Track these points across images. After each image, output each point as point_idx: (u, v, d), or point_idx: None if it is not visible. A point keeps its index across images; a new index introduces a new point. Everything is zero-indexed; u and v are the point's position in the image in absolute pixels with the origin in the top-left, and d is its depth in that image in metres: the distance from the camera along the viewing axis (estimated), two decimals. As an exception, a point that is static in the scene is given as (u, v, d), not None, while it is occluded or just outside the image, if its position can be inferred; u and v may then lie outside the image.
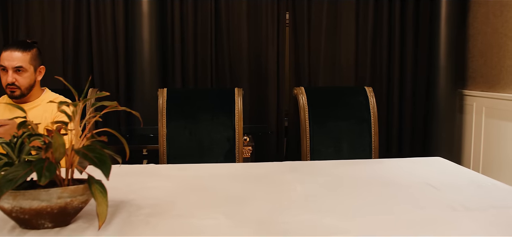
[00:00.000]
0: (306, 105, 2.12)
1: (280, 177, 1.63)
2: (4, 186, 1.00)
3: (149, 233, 1.10)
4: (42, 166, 1.04)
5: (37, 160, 1.06)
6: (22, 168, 1.04)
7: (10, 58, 1.81)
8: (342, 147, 2.13)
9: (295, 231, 1.11)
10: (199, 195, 1.41)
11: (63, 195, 1.08)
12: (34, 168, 1.04)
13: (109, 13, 3.33)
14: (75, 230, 1.11)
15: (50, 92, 1.97)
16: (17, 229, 1.11)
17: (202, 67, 3.45)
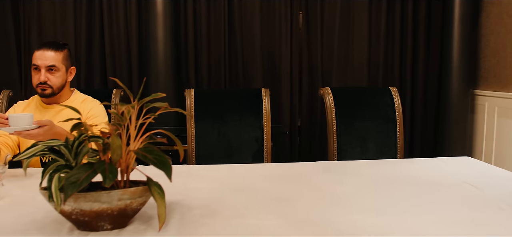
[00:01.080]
0: (333, 105, 2.13)
1: (316, 177, 1.64)
2: (68, 189, 1.00)
3: (211, 234, 1.10)
4: (105, 168, 1.04)
5: (98, 162, 1.06)
6: (83, 170, 1.04)
7: (43, 57, 1.79)
8: (368, 147, 2.14)
9: (352, 231, 1.11)
10: (244, 196, 1.41)
11: (123, 197, 1.07)
12: (98, 170, 1.03)
13: (121, 13, 3.32)
14: (133, 231, 1.11)
15: (79, 93, 1.95)
16: (75, 231, 1.11)
17: (215, 67, 3.44)
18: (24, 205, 1.34)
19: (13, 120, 1.55)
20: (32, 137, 1.59)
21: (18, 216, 1.23)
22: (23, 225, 1.16)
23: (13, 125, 1.56)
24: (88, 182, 1.00)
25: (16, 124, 1.56)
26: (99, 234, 1.09)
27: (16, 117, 1.56)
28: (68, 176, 1.02)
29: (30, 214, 1.24)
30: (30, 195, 1.42)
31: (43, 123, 1.59)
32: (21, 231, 1.12)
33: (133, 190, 1.08)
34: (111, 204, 1.06)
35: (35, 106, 1.89)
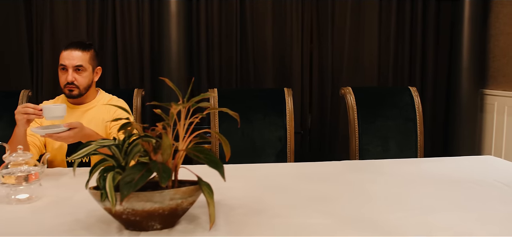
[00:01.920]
0: (355, 104, 2.14)
1: (348, 176, 1.64)
2: (124, 188, 1.00)
3: (262, 234, 1.11)
4: (159, 168, 1.04)
5: (152, 162, 1.06)
6: (137, 170, 1.04)
7: (71, 57, 1.78)
8: (389, 146, 2.15)
9: (401, 229, 1.12)
10: (282, 195, 1.42)
11: (175, 197, 1.07)
12: (153, 170, 1.03)
13: (134, 13, 3.31)
14: (183, 231, 1.11)
15: (105, 93, 1.95)
16: (123, 230, 1.11)
17: (226, 67, 3.44)
18: (63, 204, 1.33)
19: (47, 111, 1.58)
20: (63, 140, 1.59)
21: (60, 216, 1.23)
22: (68, 225, 1.16)
23: (47, 116, 1.59)
24: (144, 182, 1.00)
25: (50, 115, 1.59)
26: (148, 234, 1.09)
27: (49, 108, 1.59)
28: (123, 176, 1.02)
29: (71, 214, 1.24)
30: (66, 195, 1.42)
31: (73, 125, 1.58)
32: (67, 231, 1.12)
33: (184, 189, 1.08)
34: (163, 203, 1.06)
35: (62, 105, 1.88)
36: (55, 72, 3.34)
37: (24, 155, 1.35)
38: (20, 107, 1.60)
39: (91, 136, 1.64)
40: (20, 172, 1.33)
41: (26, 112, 1.57)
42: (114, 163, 1.10)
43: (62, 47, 1.83)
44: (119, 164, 1.10)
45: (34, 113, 1.56)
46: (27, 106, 1.58)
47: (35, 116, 1.58)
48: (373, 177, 1.61)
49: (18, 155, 1.35)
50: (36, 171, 1.34)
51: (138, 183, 1.00)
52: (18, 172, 1.33)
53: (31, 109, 1.57)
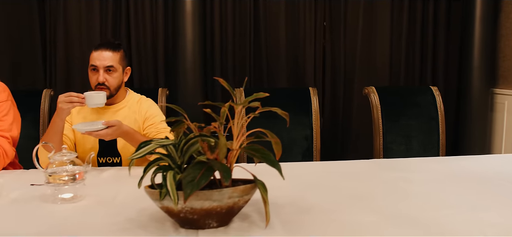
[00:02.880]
0: (379, 103, 2.17)
1: (382, 174, 1.66)
2: (188, 187, 1.01)
3: (317, 231, 1.12)
4: (220, 167, 1.05)
5: (212, 161, 1.07)
6: (197, 169, 1.05)
7: (101, 57, 1.78)
8: (412, 145, 2.18)
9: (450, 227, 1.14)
10: (325, 192, 1.43)
11: (233, 195, 1.08)
12: (215, 168, 1.05)
13: (148, 12, 3.31)
14: (238, 229, 1.12)
15: (133, 92, 1.95)
16: (180, 229, 1.12)
17: (240, 66, 3.45)
18: (109, 204, 1.34)
19: (89, 98, 1.64)
20: (102, 137, 1.59)
21: (111, 215, 1.23)
22: (122, 224, 1.16)
23: (89, 103, 1.65)
24: (207, 181, 1.01)
25: (92, 102, 1.65)
26: (205, 232, 1.10)
27: (91, 95, 1.65)
28: (184, 175, 1.03)
29: (121, 213, 1.24)
30: (109, 194, 1.42)
31: (111, 123, 1.59)
32: (123, 230, 1.13)
33: (242, 188, 1.09)
34: (222, 202, 1.07)
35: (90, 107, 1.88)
36: (68, 71, 3.33)
37: (69, 154, 1.35)
38: (63, 95, 1.63)
39: (129, 133, 1.65)
40: (65, 172, 1.33)
41: (70, 100, 1.60)
42: (170, 162, 1.11)
43: (92, 48, 1.83)
44: (175, 163, 1.11)
45: (78, 101, 1.60)
46: (71, 95, 1.62)
47: (79, 104, 1.61)
48: (408, 175, 1.62)
49: (63, 155, 1.35)
50: (81, 171, 1.34)
51: (200, 182, 1.01)
52: (63, 171, 1.33)
53: (75, 97, 1.60)
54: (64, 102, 1.61)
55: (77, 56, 3.31)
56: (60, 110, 1.62)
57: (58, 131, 1.66)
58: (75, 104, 1.61)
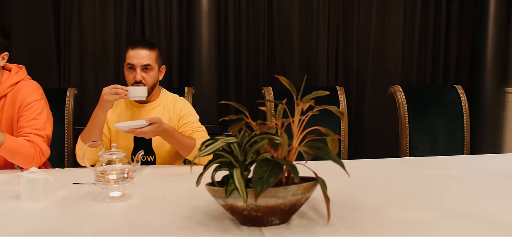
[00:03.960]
0: (405, 102, 2.19)
1: (420, 171, 1.67)
2: (258, 185, 1.01)
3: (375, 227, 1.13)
4: (289, 165, 1.06)
5: (281, 159, 1.07)
6: (264, 166, 1.05)
7: (139, 56, 1.78)
8: (438, 143, 2.20)
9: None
10: (372, 190, 1.44)
11: (297, 192, 1.09)
12: (283, 166, 1.05)
13: (162, 12, 3.29)
14: (300, 226, 1.13)
15: (167, 91, 1.94)
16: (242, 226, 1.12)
17: (253, 66, 3.46)
18: (160, 202, 1.33)
19: (131, 91, 1.68)
20: (145, 134, 1.59)
21: (166, 214, 1.22)
22: (181, 222, 1.16)
23: (131, 95, 1.68)
24: (276, 178, 1.02)
25: (134, 94, 1.69)
26: (268, 229, 1.11)
27: (133, 88, 1.70)
28: (254, 173, 1.03)
29: (175, 211, 1.24)
30: (157, 192, 1.42)
31: (154, 120, 1.59)
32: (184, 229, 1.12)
33: (305, 185, 1.10)
34: (286, 199, 1.08)
35: (125, 105, 1.87)
36: (82, 72, 3.31)
37: (118, 153, 1.35)
38: (108, 88, 1.65)
39: (168, 131, 1.65)
40: (115, 170, 1.33)
41: (115, 92, 1.63)
42: (232, 159, 1.11)
43: (128, 45, 1.82)
44: (237, 160, 1.11)
45: (122, 92, 1.63)
46: (115, 86, 1.64)
47: (123, 96, 1.64)
48: (449, 173, 1.63)
49: (113, 153, 1.35)
50: (130, 170, 1.34)
51: (269, 180, 1.02)
52: (113, 170, 1.33)
53: (119, 89, 1.63)
54: (109, 94, 1.62)
55: (92, 57, 3.29)
56: (105, 102, 1.63)
57: (100, 124, 1.67)
58: (120, 95, 1.63)
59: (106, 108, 1.66)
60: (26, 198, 1.34)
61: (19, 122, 1.75)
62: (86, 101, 3.22)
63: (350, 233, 1.09)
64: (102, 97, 1.65)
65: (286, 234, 1.08)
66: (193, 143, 1.70)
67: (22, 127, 1.73)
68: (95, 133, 1.67)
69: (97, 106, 1.67)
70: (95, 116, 1.67)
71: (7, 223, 1.19)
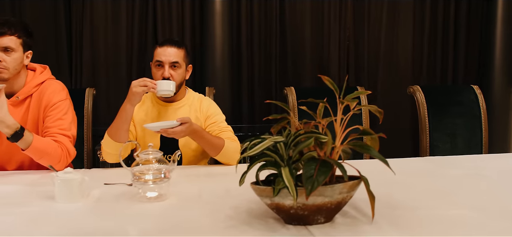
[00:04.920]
0: (425, 102, 2.20)
1: (446, 171, 1.68)
2: (308, 183, 1.01)
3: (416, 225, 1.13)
4: (336, 164, 1.06)
5: (328, 158, 1.08)
6: (312, 165, 1.05)
7: (167, 53, 1.78)
8: (457, 143, 2.22)
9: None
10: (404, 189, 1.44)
11: (343, 191, 1.09)
12: (334, 164, 1.06)
13: (174, 11, 3.29)
14: (344, 224, 1.13)
15: (192, 91, 1.94)
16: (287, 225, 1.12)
17: (265, 66, 3.46)
18: (197, 202, 1.33)
19: (159, 85, 1.68)
20: (175, 134, 1.59)
21: (207, 214, 1.22)
22: (224, 222, 1.16)
23: (159, 90, 1.68)
24: (326, 177, 1.02)
25: (162, 88, 1.68)
26: (314, 227, 1.11)
27: (161, 83, 1.69)
28: (304, 171, 1.04)
29: (216, 211, 1.23)
30: (192, 192, 1.42)
31: (185, 120, 1.59)
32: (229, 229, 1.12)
33: (351, 184, 1.10)
34: (332, 197, 1.08)
35: (151, 103, 1.87)
36: (93, 72, 3.30)
37: (155, 153, 1.35)
38: (137, 81, 1.65)
39: (197, 131, 1.65)
40: (152, 170, 1.32)
41: (144, 84, 1.63)
42: (277, 158, 1.11)
43: (156, 44, 1.83)
44: (282, 159, 1.11)
45: (151, 85, 1.63)
46: (145, 80, 1.64)
47: (151, 89, 1.64)
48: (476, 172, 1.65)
49: (149, 153, 1.34)
50: (167, 170, 1.34)
51: (319, 179, 1.02)
52: (150, 170, 1.32)
53: (148, 81, 1.63)
54: (138, 86, 1.62)
55: (103, 57, 3.29)
56: (133, 94, 1.63)
57: (128, 118, 1.67)
58: (148, 88, 1.63)
59: (135, 102, 1.66)
60: (61, 198, 1.33)
61: (45, 122, 1.74)
62: (99, 101, 3.22)
63: (397, 231, 1.10)
64: (130, 90, 1.65)
65: (333, 232, 1.08)
66: (222, 143, 1.70)
67: (48, 127, 1.72)
68: (123, 127, 1.67)
69: (126, 100, 1.67)
70: (123, 110, 1.67)
71: (48, 224, 1.18)
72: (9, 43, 1.69)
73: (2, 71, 1.68)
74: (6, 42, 1.68)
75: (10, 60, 1.69)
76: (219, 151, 1.70)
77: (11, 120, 1.55)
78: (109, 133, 1.71)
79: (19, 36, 1.72)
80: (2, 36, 1.68)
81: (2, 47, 1.68)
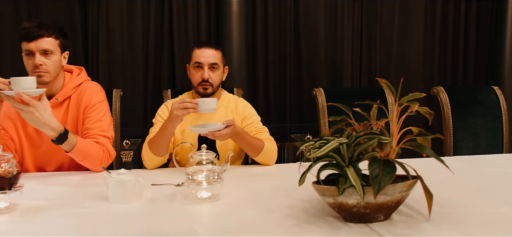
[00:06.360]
0: (449, 102, 2.25)
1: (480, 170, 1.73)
2: (375, 183, 1.05)
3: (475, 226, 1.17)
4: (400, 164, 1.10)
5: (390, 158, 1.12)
6: (376, 165, 1.09)
7: (206, 55, 1.80)
8: (479, 142, 2.27)
9: None
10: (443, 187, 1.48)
11: (403, 190, 1.13)
12: (399, 166, 1.09)
13: (190, 12, 3.32)
14: (402, 221, 1.17)
15: (227, 92, 1.97)
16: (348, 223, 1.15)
17: (279, 65, 3.50)
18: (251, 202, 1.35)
19: (202, 104, 1.61)
20: (222, 137, 1.61)
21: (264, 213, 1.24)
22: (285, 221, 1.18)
23: (201, 109, 1.60)
24: (392, 177, 1.06)
25: (204, 107, 1.61)
26: (374, 225, 1.14)
27: (204, 101, 1.62)
28: (370, 171, 1.07)
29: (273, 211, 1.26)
30: (242, 192, 1.45)
31: (230, 123, 1.61)
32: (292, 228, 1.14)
33: (409, 183, 1.14)
34: (393, 196, 1.12)
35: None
36: (109, 73, 3.31)
37: (208, 154, 1.37)
38: (177, 102, 1.61)
39: (240, 133, 1.67)
40: (205, 171, 1.35)
41: (184, 106, 1.59)
42: (339, 159, 1.15)
43: (194, 45, 1.85)
44: (344, 160, 1.15)
45: (192, 106, 1.59)
46: (184, 101, 1.60)
47: (192, 110, 1.59)
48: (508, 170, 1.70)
49: (202, 154, 1.37)
50: (220, 171, 1.36)
51: (385, 179, 1.06)
52: (203, 171, 1.35)
53: (189, 103, 1.59)
54: (179, 109, 1.59)
55: (119, 59, 3.30)
56: (174, 117, 1.61)
57: (168, 137, 1.68)
58: (189, 110, 1.59)
59: (175, 123, 1.64)
60: (116, 199, 1.35)
61: (84, 124, 1.76)
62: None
63: (454, 229, 1.13)
64: (171, 112, 1.63)
65: (394, 230, 1.12)
66: (262, 145, 1.73)
67: (88, 128, 1.74)
68: (164, 144, 1.69)
69: (167, 120, 1.66)
70: (164, 128, 1.67)
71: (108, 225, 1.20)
72: (48, 45, 1.69)
73: (43, 74, 1.69)
74: (45, 45, 1.68)
75: (50, 63, 1.70)
76: (259, 152, 1.73)
77: (56, 123, 1.56)
78: (149, 145, 1.72)
79: (56, 37, 1.73)
80: (40, 38, 1.68)
81: (41, 50, 1.68)
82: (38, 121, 1.52)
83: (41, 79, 1.67)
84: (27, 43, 1.67)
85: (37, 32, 1.67)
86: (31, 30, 1.67)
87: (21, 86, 1.46)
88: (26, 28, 1.67)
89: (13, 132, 1.74)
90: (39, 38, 1.68)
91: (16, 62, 3.17)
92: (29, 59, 1.69)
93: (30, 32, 1.67)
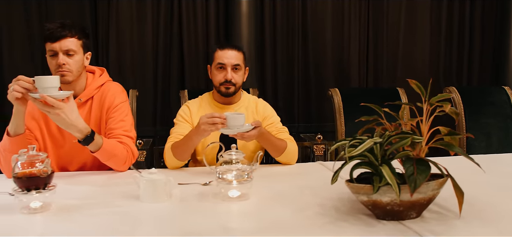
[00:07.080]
0: (461, 103, 2.29)
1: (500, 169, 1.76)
2: (411, 181, 1.08)
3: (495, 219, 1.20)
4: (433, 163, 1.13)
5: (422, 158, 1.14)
6: (409, 164, 1.12)
7: (229, 56, 1.83)
8: (491, 142, 2.31)
9: None
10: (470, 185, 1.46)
11: (435, 188, 1.16)
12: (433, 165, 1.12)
13: (200, 14, 3.33)
14: (434, 219, 1.19)
15: (246, 93, 1.99)
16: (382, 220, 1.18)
17: (287, 66, 3.53)
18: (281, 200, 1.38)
19: (231, 120, 1.57)
20: (250, 138, 1.62)
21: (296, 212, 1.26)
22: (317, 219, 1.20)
23: (230, 124, 1.58)
24: (427, 175, 1.08)
25: (233, 123, 1.58)
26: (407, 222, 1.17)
27: (233, 117, 1.58)
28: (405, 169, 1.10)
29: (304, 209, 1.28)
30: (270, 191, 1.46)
31: (257, 124, 1.62)
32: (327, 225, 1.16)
33: (441, 181, 1.17)
34: (426, 194, 1.15)
35: (209, 105, 1.91)
36: (120, 73, 3.32)
37: (238, 154, 1.39)
38: (206, 117, 1.59)
39: (265, 134, 1.69)
40: (235, 170, 1.37)
41: (213, 122, 1.57)
42: (372, 157, 1.17)
43: (216, 47, 1.87)
44: (376, 158, 1.17)
45: (220, 122, 1.56)
46: (213, 115, 1.57)
47: (221, 125, 1.57)
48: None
49: (232, 154, 1.39)
50: (250, 170, 1.38)
51: (420, 177, 1.08)
52: (233, 170, 1.37)
53: (217, 118, 1.57)
54: (207, 124, 1.57)
55: (129, 59, 3.31)
56: (202, 131, 1.60)
57: (193, 147, 1.70)
58: (218, 126, 1.57)
59: (202, 137, 1.65)
60: (147, 198, 1.36)
61: (107, 124, 1.77)
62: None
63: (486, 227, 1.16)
64: (199, 126, 1.61)
65: (427, 227, 1.14)
66: (285, 145, 1.76)
67: (112, 129, 1.75)
68: (187, 152, 1.72)
69: (194, 131, 1.67)
70: (189, 139, 1.68)
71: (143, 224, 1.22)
72: (71, 45, 1.70)
73: (66, 74, 1.70)
74: (68, 45, 1.70)
75: (73, 63, 1.72)
76: (282, 152, 1.75)
77: (83, 124, 1.57)
78: (173, 150, 1.74)
79: (79, 37, 1.74)
80: (63, 38, 1.69)
81: (64, 50, 1.69)
82: (65, 123, 1.53)
83: (64, 79, 1.69)
84: (51, 44, 1.69)
85: (60, 32, 1.68)
86: (55, 30, 1.68)
87: (45, 85, 1.47)
88: (50, 29, 1.69)
89: (37, 131, 1.75)
90: (62, 38, 1.69)
91: (26, 61, 3.20)
92: (52, 59, 1.71)
93: (53, 32, 1.68)
